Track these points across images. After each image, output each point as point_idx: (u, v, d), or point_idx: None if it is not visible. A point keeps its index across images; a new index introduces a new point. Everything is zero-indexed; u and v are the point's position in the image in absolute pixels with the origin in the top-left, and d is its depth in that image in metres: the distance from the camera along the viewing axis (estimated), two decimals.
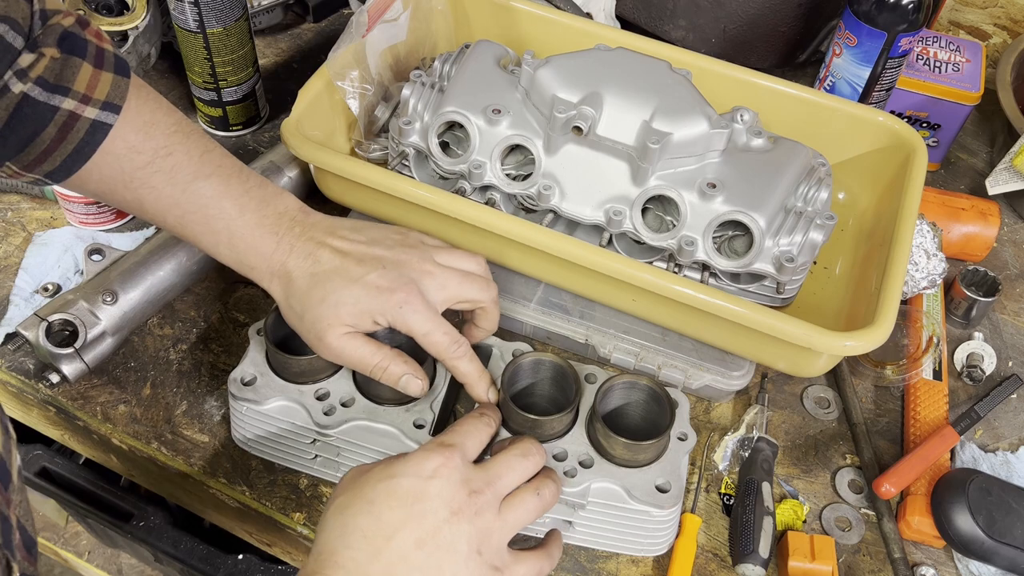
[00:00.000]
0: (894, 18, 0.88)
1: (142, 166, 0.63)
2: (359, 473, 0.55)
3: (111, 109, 0.59)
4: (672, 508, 0.64)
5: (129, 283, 0.76)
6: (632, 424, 0.70)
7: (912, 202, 0.77)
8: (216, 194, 0.64)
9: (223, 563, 0.90)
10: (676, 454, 0.66)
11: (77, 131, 0.58)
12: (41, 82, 0.56)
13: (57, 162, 0.59)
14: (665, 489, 0.64)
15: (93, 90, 0.58)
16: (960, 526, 0.68)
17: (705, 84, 0.79)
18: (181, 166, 0.64)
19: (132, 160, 0.62)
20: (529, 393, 0.70)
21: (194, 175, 0.64)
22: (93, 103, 0.58)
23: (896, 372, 0.81)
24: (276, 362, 0.68)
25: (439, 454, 0.54)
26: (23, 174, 0.61)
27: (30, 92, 0.56)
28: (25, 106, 0.56)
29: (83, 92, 0.58)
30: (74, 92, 0.57)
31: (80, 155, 0.60)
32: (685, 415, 0.69)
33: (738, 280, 0.76)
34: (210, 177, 0.64)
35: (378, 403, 0.67)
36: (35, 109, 0.56)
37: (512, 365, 0.67)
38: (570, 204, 0.76)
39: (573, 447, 0.66)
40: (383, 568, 0.50)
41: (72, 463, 1.00)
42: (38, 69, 0.56)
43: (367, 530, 0.51)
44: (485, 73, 0.80)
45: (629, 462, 0.65)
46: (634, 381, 0.67)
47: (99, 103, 0.58)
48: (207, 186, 0.64)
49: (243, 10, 0.90)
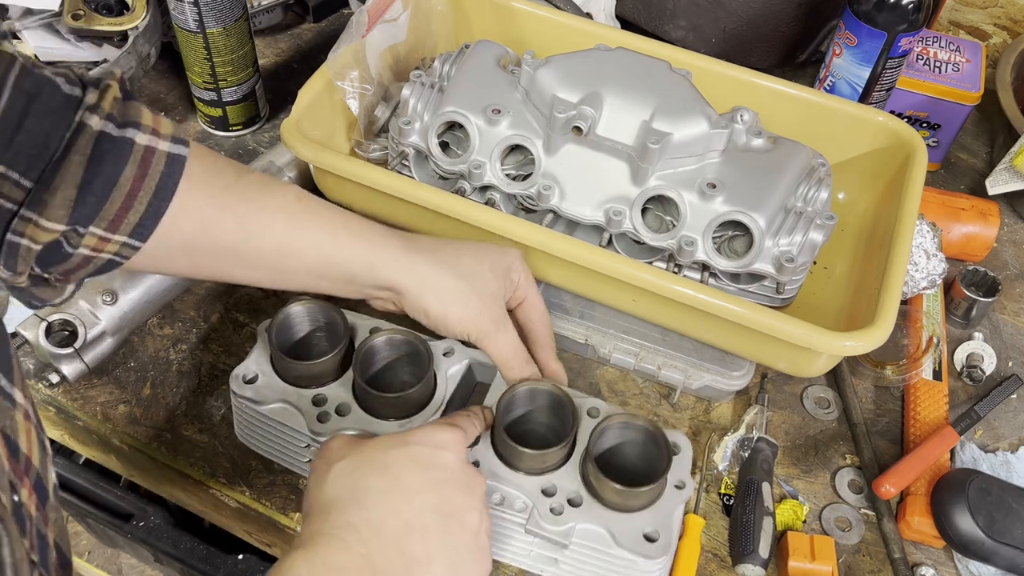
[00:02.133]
0: (894, 18, 0.88)
1: (230, 183, 0.61)
2: (353, 442, 0.56)
3: (180, 143, 0.58)
4: (659, 559, 0.61)
5: (129, 283, 0.76)
6: (629, 464, 0.67)
7: (912, 202, 0.77)
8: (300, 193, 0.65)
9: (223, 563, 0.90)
10: (670, 502, 0.63)
11: (157, 164, 0.56)
12: (112, 118, 0.54)
13: (143, 206, 0.56)
14: (653, 538, 0.61)
15: (159, 126, 0.57)
16: (960, 526, 0.68)
17: (705, 84, 0.79)
18: (265, 178, 0.64)
19: (220, 179, 0.60)
20: (527, 420, 0.69)
21: (281, 181, 0.64)
22: (163, 136, 0.56)
23: (896, 372, 0.81)
24: (278, 364, 0.68)
25: (448, 431, 0.56)
26: (108, 240, 0.56)
27: (105, 128, 0.54)
28: (103, 142, 0.54)
29: (152, 127, 0.56)
30: (144, 127, 0.56)
31: (164, 192, 0.56)
32: (686, 462, 0.65)
33: (738, 280, 0.76)
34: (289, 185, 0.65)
35: (373, 415, 0.67)
36: (113, 144, 0.54)
37: (507, 393, 0.65)
38: (570, 204, 0.76)
39: (564, 483, 0.63)
40: (399, 527, 0.51)
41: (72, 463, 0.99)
42: (107, 102, 0.54)
43: (384, 490, 0.52)
44: (485, 73, 0.80)
45: (619, 506, 0.62)
46: (630, 421, 0.65)
47: (168, 136, 0.57)
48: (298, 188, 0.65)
49: (243, 10, 0.90)
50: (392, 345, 0.69)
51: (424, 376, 0.66)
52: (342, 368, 0.69)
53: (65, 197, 0.52)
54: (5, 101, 0.50)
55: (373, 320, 0.72)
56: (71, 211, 0.53)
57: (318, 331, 0.72)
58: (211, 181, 0.60)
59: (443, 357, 0.70)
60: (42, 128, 0.51)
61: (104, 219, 0.55)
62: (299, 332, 0.71)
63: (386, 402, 0.66)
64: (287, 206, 0.63)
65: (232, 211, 0.61)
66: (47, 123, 0.52)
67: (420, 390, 0.66)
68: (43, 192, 0.52)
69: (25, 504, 0.39)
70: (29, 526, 0.39)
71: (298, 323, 0.71)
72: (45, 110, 0.52)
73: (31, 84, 0.51)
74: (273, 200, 0.63)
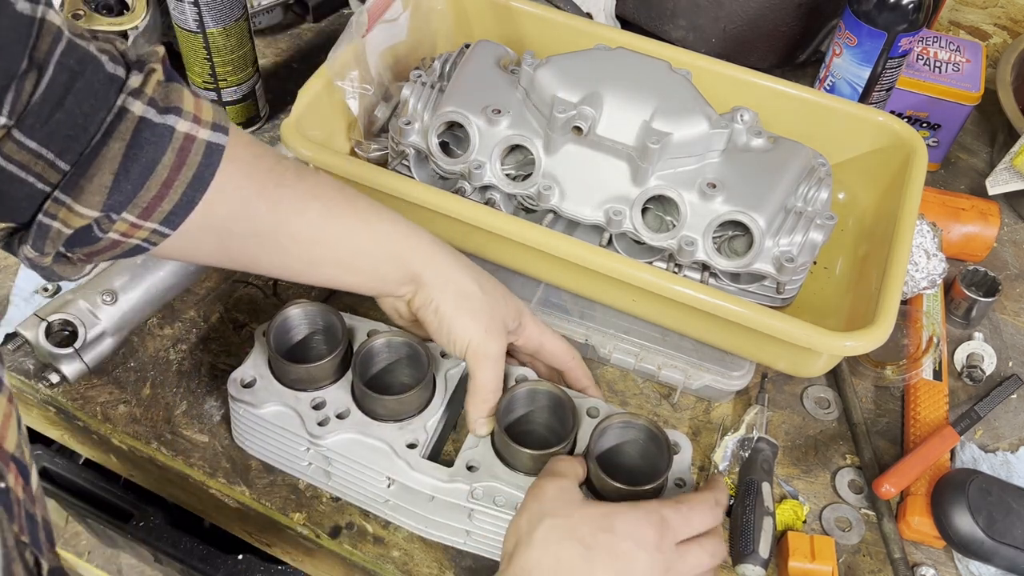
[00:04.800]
0: (894, 18, 0.87)
1: (270, 167, 0.60)
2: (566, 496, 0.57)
3: (221, 130, 0.56)
4: None
5: (129, 283, 0.76)
6: (630, 463, 0.66)
7: (912, 202, 0.77)
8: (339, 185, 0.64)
9: (223, 563, 0.90)
10: None
11: (195, 153, 0.55)
12: (153, 103, 0.53)
13: (178, 195, 0.55)
14: None
15: (200, 111, 0.56)
16: (960, 526, 0.68)
17: (705, 84, 0.79)
18: (300, 165, 0.63)
19: (259, 163, 0.60)
20: (527, 421, 0.69)
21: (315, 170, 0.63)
22: (204, 123, 0.55)
23: (896, 372, 0.81)
24: (276, 367, 0.68)
25: (656, 529, 0.56)
26: (139, 226, 0.55)
27: (146, 114, 0.53)
28: (144, 129, 0.52)
29: (193, 113, 0.55)
30: (185, 112, 0.54)
31: (201, 182, 0.56)
32: (686, 460, 0.65)
33: (738, 280, 0.76)
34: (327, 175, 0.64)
35: (373, 418, 0.67)
36: (153, 132, 0.53)
37: (508, 394, 0.65)
38: (570, 204, 0.76)
39: None
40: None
41: (72, 463, 1.00)
42: (150, 87, 0.53)
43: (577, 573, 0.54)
44: (485, 73, 0.80)
45: None
46: (631, 420, 0.65)
47: (209, 123, 0.56)
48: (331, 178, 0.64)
49: (243, 10, 0.90)
50: (391, 347, 0.69)
51: (423, 378, 0.66)
52: (341, 371, 0.68)
53: (101, 183, 0.52)
54: (49, 77, 0.48)
55: (371, 323, 0.72)
56: (106, 198, 0.52)
57: (316, 334, 0.72)
58: (249, 166, 0.59)
59: (442, 359, 0.70)
60: (82, 109, 0.50)
61: (138, 206, 0.54)
62: (297, 335, 0.71)
63: (386, 404, 0.66)
64: (323, 194, 0.62)
65: (268, 197, 0.60)
66: (87, 104, 0.51)
67: (419, 392, 0.66)
68: (79, 177, 0.51)
69: (12, 489, 0.38)
70: (17, 510, 0.39)
71: (296, 326, 0.71)
72: (87, 90, 0.51)
73: (76, 60, 0.50)
74: (309, 188, 0.62)
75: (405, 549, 0.69)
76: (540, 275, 0.79)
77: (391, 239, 0.65)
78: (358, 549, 0.69)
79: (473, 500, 0.63)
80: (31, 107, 0.49)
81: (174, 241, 0.57)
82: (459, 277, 0.66)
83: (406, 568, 0.68)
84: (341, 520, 0.70)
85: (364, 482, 0.67)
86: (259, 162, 0.60)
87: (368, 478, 0.67)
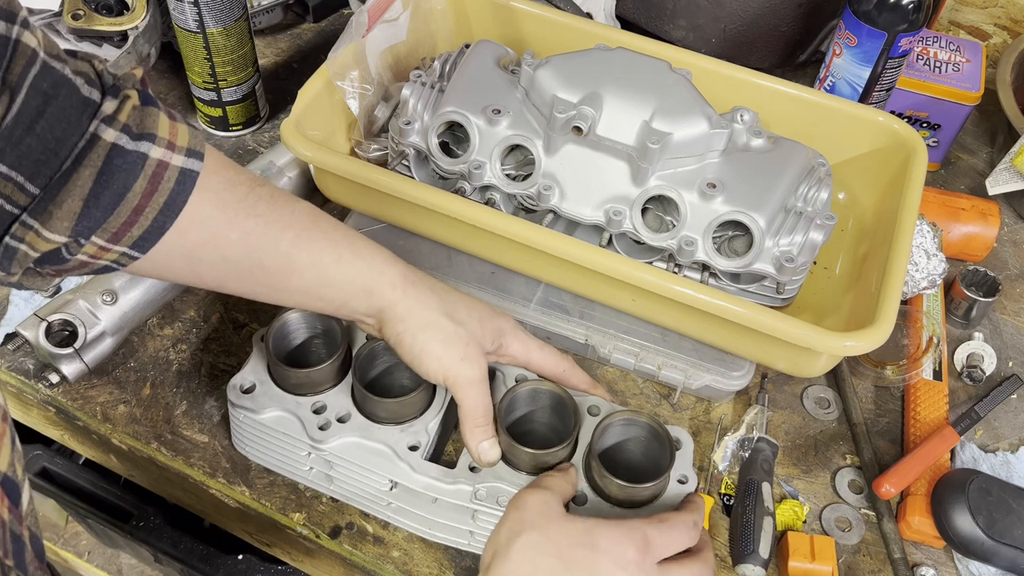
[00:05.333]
0: (894, 18, 0.87)
1: (242, 197, 0.60)
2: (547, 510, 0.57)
3: (195, 156, 0.56)
4: None
5: (129, 283, 0.76)
6: (632, 461, 0.67)
7: (912, 202, 0.77)
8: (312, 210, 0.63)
9: (223, 563, 0.90)
10: (674, 497, 0.63)
11: (168, 180, 0.55)
12: (127, 130, 0.53)
13: (148, 221, 0.55)
14: None
15: (175, 137, 0.55)
16: (960, 526, 0.68)
17: (705, 84, 0.79)
18: (277, 192, 0.63)
19: (232, 192, 0.60)
20: (528, 421, 0.69)
21: (292, 197, 0.63)
22: (178, 150, 0.55)
23: (896, 372, 0.81)
24: (276, 372, 0.68)
25: (638, 549, 0.55)
26: (106, 249, 0.55)
27: (118, 141, 0.52)
28: (115, 157, 0.52)
29: (167, 139, 0.55)
30: (160, 139, 0.54)
31: (172, 208, 0.56)
32: (688, 456, 0.66)
33: (738, 280, 0.76)
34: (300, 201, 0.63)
35: (374, 421, 0.66)
36: (125, 159, 0.53)
37: (509, 394, 0.65)
38: (570, 204, 0.76)
39: None
40: None
41: (72, 463, 1.00)
42: (124, 113, 0.53)
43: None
44: (485, 73, 0.80)
45: (624, 502, 0.62)
46: (633, 417, 0.65)
47: (184, 150, 0.56)
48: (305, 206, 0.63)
49: (243, 10, 0.90)
50: (390, 350, 0.69)
51: (423, 380, 0.66)
52: (341, 374, 0.68)
53: (70, 210, 0.52)
54: (21, 100, 0.48)
55: None
56: (74, 224, 0.52)
57: (315, 338, 0.72)
58: (222, 193, 0.59)
59: None
60: (54, 134, 0.50)
61: (107, 231, 0.54)
62: (296, 339, 0.71)
63: (387, 407, 0.66)
64: (295, 223, 0.62)
65: (239, 226, 0.60)
66: (59, 129, 0.50)
67: (420, 394, 0.66)
68: (48, 202, 0.51)
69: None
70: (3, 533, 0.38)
71: (295, 330, 0.71)
72: (59, 114, 0.50)
73: (49, 84, 0.50)
74: (282, 217, 0.62)
75: (405, 549, 0.69)
76: (540, 275, 0.79)
77: (361, 274, 0.64)
78: (358, 549, 0.69)
79: (476, 501, 0.63)
80: (2, 130, 0.48)
81: (143, 263, 0.58)
82: (426, 312, 0.64)
83: (406, 568, 0.68)
84: (341, 520, 0.70)
85: (366, 485, 0.67)
86: (234, 189, 0.60)
87: (370, 481, 0.67)
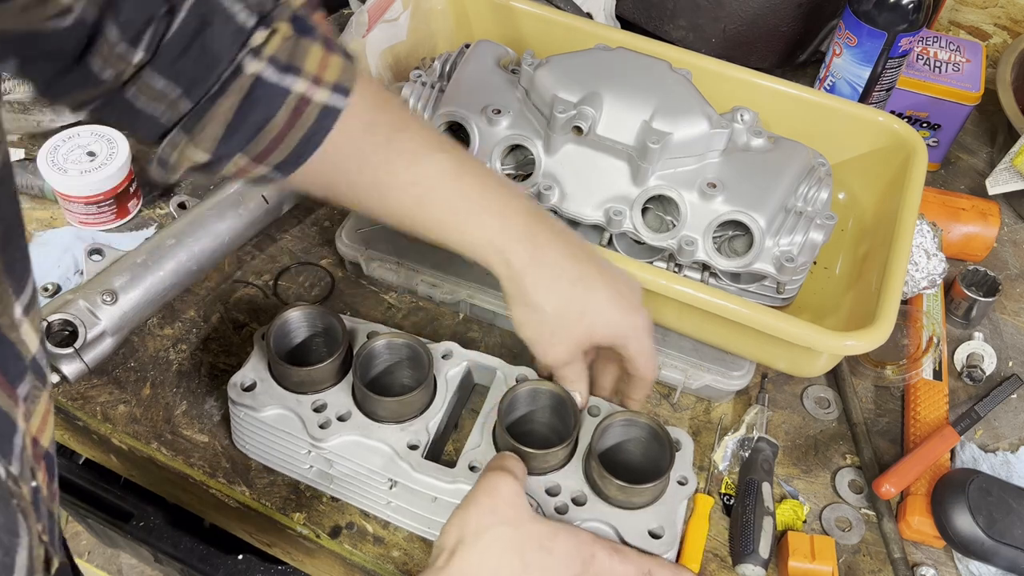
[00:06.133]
0: (894, 18, 0.88)
1: (380, 143, 0.60)
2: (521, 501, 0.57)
3: (341, 92, 0.57)
4: (665, 555, 0.61)
5: (129, 283, 0.76)
6: (632, 461, 0.67)
7: (912, 202, 0.77)
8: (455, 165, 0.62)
9: (223, 563, 0.90)
10: (674, 498, 0.63)
11: (308, 116, 0.56)
12: (274, 61, 0.54)
13: (288, 150, 0.57)
14: (658, 534, 0.61)
15: (324, 71, 0.56)
16: (960, 526, 0.68)
17: (705, 84, 0.79)
18: (418, 138, 0.62)
19: (368, 138, 0.60)
20: (528, 421, 0.69)
21: (432, 147, 0.62)
22: (324, 85, 0.56)
23: (896, 372, 0.81)
24: (277, 370, 0.68)
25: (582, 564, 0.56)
26: (252, 167, 0.58)
27: (262, 73, 0.53)
28: (257, 88, 0.54)
29: (314, 73, 0.55)
30: (306, 73, 0.55)
31: (310, 142, 0.57)
32: (688, 457, 0.65)
33: (738, 280, 0.76)
34: (446, 151, 0.62)
35: (374, 420, 0.66)
36: (266, 91, 0.54)
37: (509, 394, 0.65)
38: (570, 204, 0.76)
39: (568, 482, 0.63)
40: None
41: (72, 463, 1.00)
42: (272, 46, 0.54)
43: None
44: (485, 73, 0.80)
45: (623, 503, 0.62)
46: (633, 418, 0.65)
47: (330, 85, 0.56)
48: (446, 159, 0.62)
49: None
50: (391, 349, 0.69)
51: (424, 379, 0.66)
52: (341, 373, 0.68)
53: (213, 133, 0.54)
54: (180, 20, 0.51)
55: (371, 324, 0.72)
56: (216, 146, 0.55)
57: (316, 336, 0.72)
58: (358, 140, 0.59)
59: (442, 360, 0.70)
60: (204, 60, 0.52)
61: (250, 153, 0.56)
62: (297, 338, 0.71)
63: (387, 406, 0.66)
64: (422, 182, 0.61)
65: (371, 174, 0.61)
66: (210, 56, 0.52)
67: (421, 393, 0.66)
68: (196, 122, 0.54)
69: (41, 487, 0.39)
70: (42, 508, 0.39)
71: (295, 329, 0.71)
72: (211, 42, 0.52)
73: (207, 9, 0.51)
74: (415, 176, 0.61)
75: (405, 549, 0.69)
76: None
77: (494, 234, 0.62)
78: (358, 549, 0.69)
79: None
80: (164, 46, 0.51)
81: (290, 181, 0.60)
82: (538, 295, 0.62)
83: (406, 568, 0.68)
84: (341, 520, 0.70)
85: (366, 484, 0.67)
86: (372, 135, 0.60)
87: (370, 480, 0.67)
